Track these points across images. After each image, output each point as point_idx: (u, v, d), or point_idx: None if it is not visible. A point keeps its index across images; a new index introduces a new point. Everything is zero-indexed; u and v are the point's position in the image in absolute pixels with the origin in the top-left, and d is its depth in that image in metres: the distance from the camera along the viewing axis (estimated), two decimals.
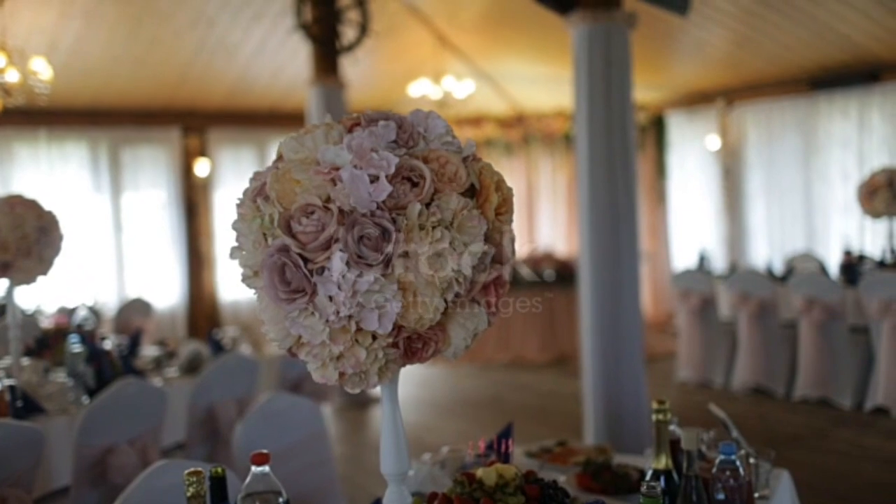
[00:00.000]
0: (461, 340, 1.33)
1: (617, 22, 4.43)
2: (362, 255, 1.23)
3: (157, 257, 9.39)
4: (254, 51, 8.54)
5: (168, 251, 9.47)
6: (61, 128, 8.74)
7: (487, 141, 10.95)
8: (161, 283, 9.38)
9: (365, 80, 9.29)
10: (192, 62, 8.53)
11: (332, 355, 1.29)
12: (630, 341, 4.55)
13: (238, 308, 9.84)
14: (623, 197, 4.49)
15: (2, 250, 3.66)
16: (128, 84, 8.57)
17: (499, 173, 1.39)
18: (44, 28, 7.29)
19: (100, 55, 7.91)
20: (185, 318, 9.54)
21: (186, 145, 9.56)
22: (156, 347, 4.96)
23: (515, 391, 7.49)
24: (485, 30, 8.83)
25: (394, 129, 1.32)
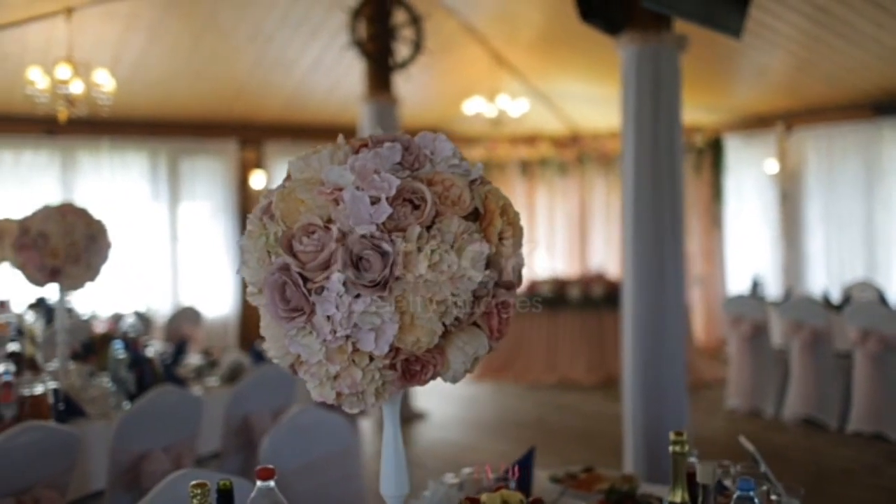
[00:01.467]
0: (460, 364, 1.33)
1: (666, 44, 4.39)
2: (360, 276, 1.23)
3: (211, 267, 9.56)
4: (310, 66, 8.66)
5: (222, 261, 9.63)
6: (123, 138, 8.97)
7: (542, 160, 10.93)
8: (214, 293, 9.54)
9: (420, 98, 9.35)
10: (250, 76, 8.69)
11: (329, 375, 1.29)
12: (672, 367, 4.48)
13: None
14: (669, 219, 4.43)
15: (51, 256, 3.76)
16: (187, 97, 8.77)
17: (506, 198, 1.38)
18: (109, 41, 7.51)
19: (161, 69, 8.11)
20: (236, 327, 9.68)
21: (243, 157, 9.74)
22: (200, 356, 5.04)
23: (560, 412, 7.42)
24: (541, 49, 8.83)
25: (399, 151, 1.33)
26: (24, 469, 2.80)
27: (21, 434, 2.81)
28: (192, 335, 7.11)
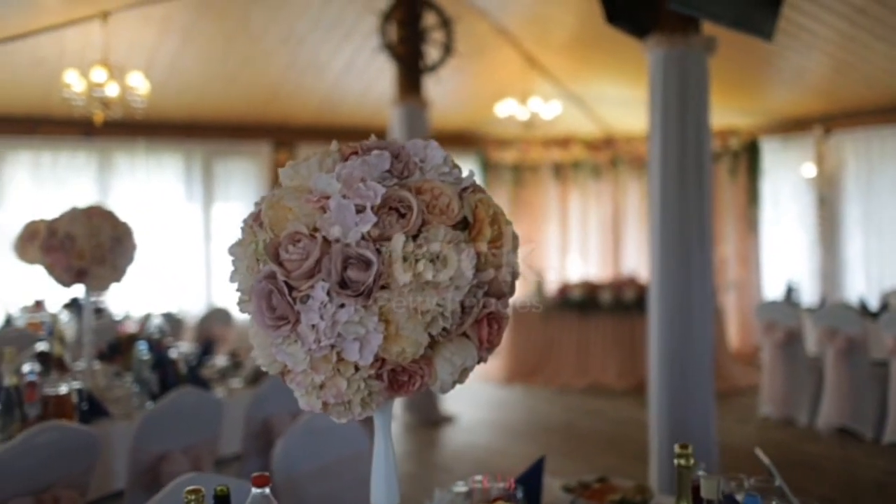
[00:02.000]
0: (447, 375, 1.31)
1: (694, 47, 4.33)
2: (344, 286, 1.22)
3: None
4: (342, 69, 8.70)
5: None
6: (158, 139, 9.08)
7: (575, 163, 10.86)
8: None
9: (451, 100, 9.34)
10: (283, 79, 8.74)
11: (315, 384, 1.28)
12: (699, 372, 4.41)
13: None
14: (696, 225, 4.37)
15: (77, 258, 3.81)
16: (221, 99, 8.85)
17: (497, 206, 1.36)
18: (143, 45, 7.60)
19: (195, 71, 8.20)
20: None
21: (276, 159, 9.80)
22: (226, 358, 5.07)
23: (589, 417, 7.36)
24: (573, 51, 8.77)
25: (387, 158, 1.31)
26: (44, 468, 2.84)
27: (40, 433, 2.85)
28: (223, 336, 7.17)
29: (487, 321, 1.34)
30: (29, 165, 8.54)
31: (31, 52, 7.31)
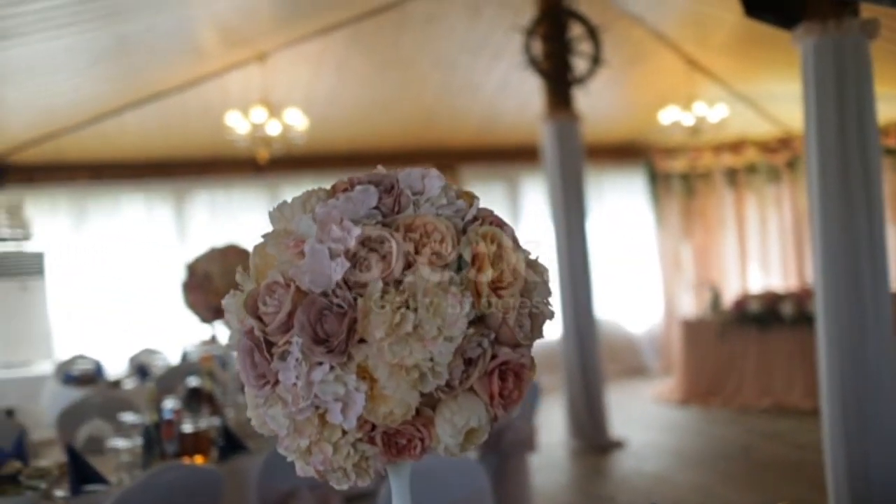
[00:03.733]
0: (449, 438, 1.14)
1: (851, 32, 3.89)
2: (318, 341, 1.09)
3: None
4: (497, 88, 8.62)
5: None
6: (323, 172, 9.35)
7: (749, 167, 10.20)
8: None
9: (610, 112, 9.05)
10: (438, 103, 8.78)
11: (300, 449, 1.15)
12: (878, 398, 3.92)
13: None
14: (865, 230, 3.91)
15: (214, 295, 3.92)
16: (380, 127, 9.00)
17: (509, 240, 1.18)
18: (300, 82, 7.86)
19: (352, 103, 8.38)
20: None
21: None
22: None
23: (771, 441, 6.80)
24: (738, 50, 8.24)
25: (374, 194, 1.18)
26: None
27: (165, 472, 2.90)
28: None
29: (500, 373, 1.16)
30: (206, 204, 9.03)
31: (199, 98, 7.73)
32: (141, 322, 8.19)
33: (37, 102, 7.22)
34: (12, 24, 5.31)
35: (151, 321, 8.23)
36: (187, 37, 6.83)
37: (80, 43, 6.12)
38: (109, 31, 6.02)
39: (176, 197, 8.97)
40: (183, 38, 6.81)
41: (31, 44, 5.75)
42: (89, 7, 5.45)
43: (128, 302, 8.26)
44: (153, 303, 8.23)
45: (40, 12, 5.25)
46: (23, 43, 5.69)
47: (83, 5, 5.42)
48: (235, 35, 6.95)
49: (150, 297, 8.25)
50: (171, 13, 6.04)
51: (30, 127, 7.69)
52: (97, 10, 5.53)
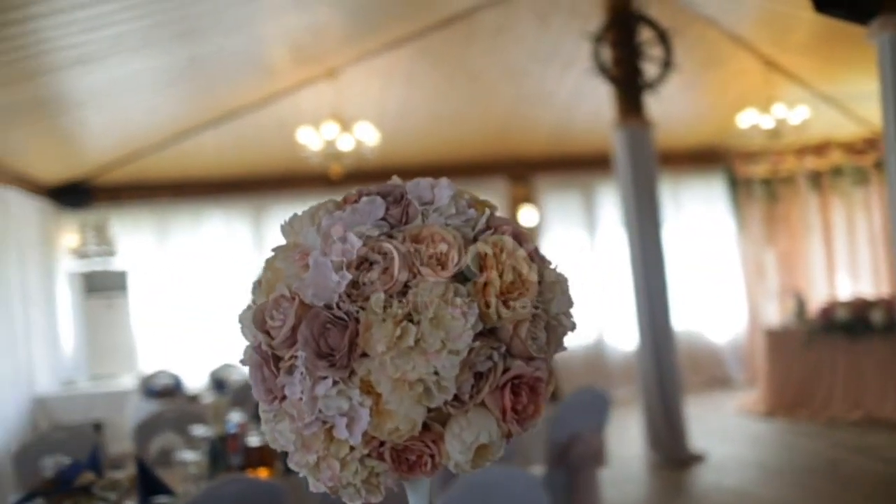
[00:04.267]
0: (458, 454, 1.10)
1: None
2: (322, 355, 1.07)
3: None
4: (569, 97, 8.54)
5: None
6: None
7: (835, 169, 9.85)
8: None
9: (686, 117, 8.86)
10: (511, 113, 8.75)
11: (309, 464, 1.13)
12: None
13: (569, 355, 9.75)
14: None
15: None
16: (452, 139, 9.01)
17: (521, 250, 1.14)
18: (371, 97, 7.94)
19: (423, 116, 8.42)
20: None
21: (513, 193, 9.80)
22: None
23: (861, 455, 6.52)
24: (818, 48, 7.98)
25: (381, 205, 1.15)
26: None
27: (227, 485, 2.93)
28: None
29: (513, 387, 1.12)
30: (282, 219, 9.11)
31: (272, 116, 7.88)
32: (220, 336, 8.37)
33: (118, 125, 7.48)
34: (90, 49, 5.51)
35: (230, 335, 8.39)
36: (258, 55, 6.97)
37: (155, 65, 6.32)
38: (182, 52, 6.19)
39: (253, 213, 9.16)
40: (254, 57, 6.96)
41: (109, 68, 5.96)
42: (162, 30, 5.63)
43: (208, 316, 8.46)
44: (232, 317, 8.39)
45: (116, 38, 5.44)
46: (101, 67, 5.90)
47: (156, 29, 5.59)
48: (305, 52, 7.06)
49: (230, 312, 8.42)
50: (240, 32, 6.18)
51: (113, 149, 7.97)
52: (169, 32, 5.70)
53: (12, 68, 5.47)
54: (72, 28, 5.11)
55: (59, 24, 5.00)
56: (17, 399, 6.91)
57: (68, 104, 6.66)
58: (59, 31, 5.15)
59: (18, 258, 7.16)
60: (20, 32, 4.96)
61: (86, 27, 5.10)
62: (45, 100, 6.33)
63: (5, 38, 4.93)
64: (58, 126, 7.09)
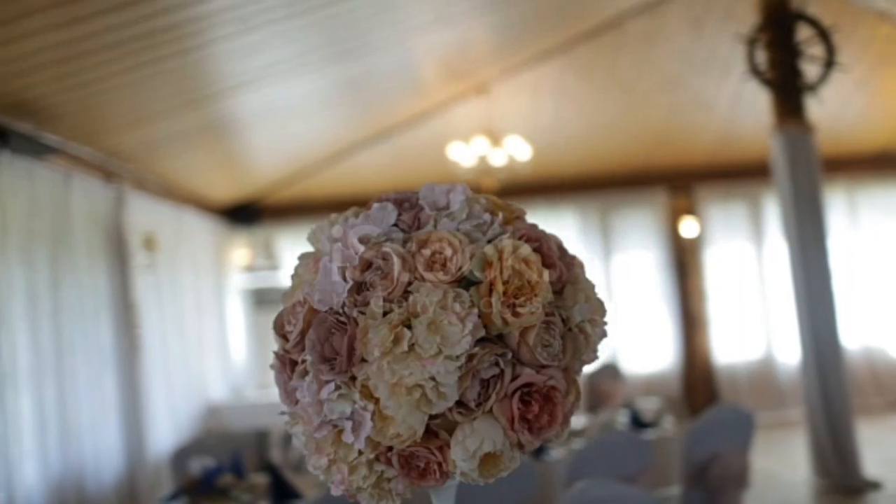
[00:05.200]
0: (462, 462, 1.08)
1: None
2: (324, 359, 1.09)
3: (648, 320, 9.43)
4: (730, 103, 8.22)
5: (659, 313, 9.44)
6: (554, 198, 9.36)
7: None
8: (653, 347, 9.37)
9: (859, 119, 8.31)
10: (668, 123, 8.51)
11: (322, 467, 1.15)
12: None
13: (735, 372, 9.37)
14: None
15: None
16: (607, 151, 8.87)
17: (534, 255, 1.11)
18: (521, 111, 7.96)
19: (575, 128, 8.35)
20: (679, 381, 9.36)
21: (673, 205, 9.51)
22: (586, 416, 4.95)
23: None
24: None
25: (392, 211, 1.16)
26: None
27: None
28: (611, 392, 7.05)
29: (522, 396, 1.09)
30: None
31: (426, 133, 8.05)
32: None
33: (281, 147, 7.89)
34: (252, 76, 5.84)
35: None
36: (409, 74, 7.15)
37: (312, 88, 6.61)
38: (335, 74, 6.45)
39: None
40: (405, 76, 7.15)
41: (268, 93, 6.29)
42: (313, 55, 5.88)
43: None
44: None
45: (274, 64, 5.73)
46: (261, 93, 6.23)
47: (308, 54, 5.85)
48: (454, 68, 7.18)
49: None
50: (390, 52, 6.35)
51: (278, 169, 8.40)
52: (320, 56, 5.95)
53: (185, 97, 5.89)
54: (232, 56, 5.45)
55: (220, 53, 5.33)
56: (191, 407, 7.38)
57: (235, 128, 7.08)
58: (222, 59, 5.50)
59: (193, 274, 7.67)
60: (189, 62, 5.33)
61: (245, 54, 5.42)
62: (215, 124, 6.76)
63: (175, 69, 5.31)
64: (227, 149, 7.56)
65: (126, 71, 5.00)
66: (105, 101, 5.46)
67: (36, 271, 5.02)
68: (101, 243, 5.92)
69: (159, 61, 5.05)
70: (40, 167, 5.15)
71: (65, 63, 4.57)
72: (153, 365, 6.45)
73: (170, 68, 5.25)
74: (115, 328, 5.96)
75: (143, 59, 4.93)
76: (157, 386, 6.53)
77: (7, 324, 4.65)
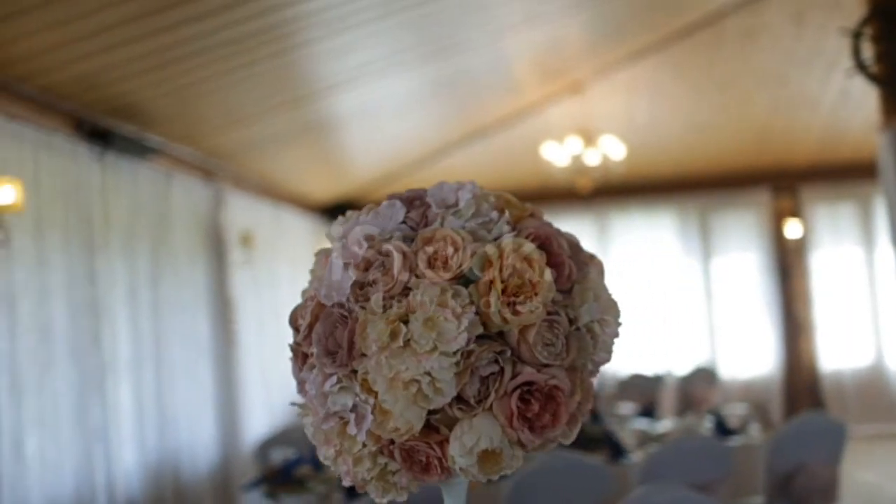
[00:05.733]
0: (460, 458, 1.09)
1: None
2: (328, 352, 1.12)
3: (749, 324, 9.15)
4: (836, 100, 7.88)
5: (761, 318, 9.14)
6: (651, 197, 9.19)
7: None
8: (754, 351, 9.09)
9: None
10: (769, 121, 8.24)
11: (330, 458, 1.18)
12: None
13: (841, 380, 8.99)
14: None
15: None
16: (704, 150, 8.65)
17: (538, 253, 1.11)
18: (617, 111, 7.85)
19: (671, 127, 8.18)
20: (780, 388, 9.05)
21: (776, 206, 9.19)
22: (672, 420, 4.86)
23: None
24: None
25: (400, 209, 1.18)
26: None
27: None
28: (703, 397, 6.88)
29: (522, 394, 1.10)
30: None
31: (521, 133, 8.03)
32: None
33: (377, 146, 8.02)
34: (347, 77, 5.93)
35: None
36: (502, 72, 7.14)
37: (407, 87, 6.68)
38: (429, 74, 6.50)
39: None
40: (499, 74, 7.14)
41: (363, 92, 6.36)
42: (405, 54, 5.94)
43: None
44: None
45: (368, 63, 5.81)
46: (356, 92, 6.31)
47: (400, 54, 5.92)
48: (548, 67, 7.14)
49: None
50: (483, 51, 6.36)
51: (374, 168, 8.53)
52: (413, 55, 6.01)
53: (282, 97, 6.04)
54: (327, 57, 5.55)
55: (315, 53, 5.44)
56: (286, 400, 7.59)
57: (331, 128, 7.23)
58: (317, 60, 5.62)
59: (290, 270, 7.88)
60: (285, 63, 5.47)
61: (338, 55, 5.51)
62: (311, 124, 6.92)
63: (270, 70, 5.46)
64: (324, 148, 7.73)
65: (223, 73, 5.18)
66: (204, 104, 5.67)
67: (137, 266, 5.27)
68: (199, 240, 6.16)
69: (255, 63, 5.21)
70: (143, 167, 5.40)
71: (163, 68, 4.78)
72: (248, 358, 6.66)
73: (265, 70, 5.40)
74: (212, 322, 6.19)
75: (239, 61, 5.09)
76: (253, 379, 6.74)
77: (109, 316, 4.91)
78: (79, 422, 4.50)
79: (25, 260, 4.16)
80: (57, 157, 4.53)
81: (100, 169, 4.92)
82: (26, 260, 4.17)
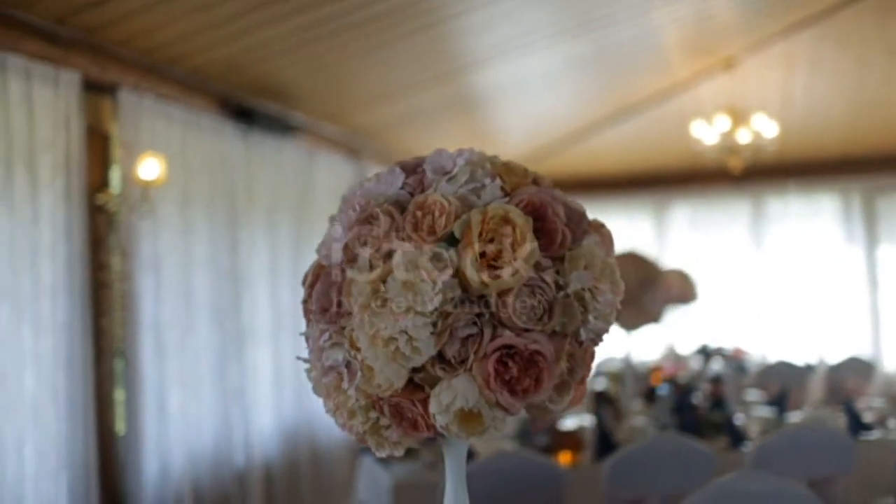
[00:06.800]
0: (438, 416, 1.13)
1: None
2: (322, 310, 1.19)
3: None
4: None
5: None
6: (812, 179, 8.70)
7: None
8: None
9: None
10: None
11: (331, 411, 1.25)
12: None
13: None
14: None
15: None
16: (871, 128, 8.07)
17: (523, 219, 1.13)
18: (772, 87, 7.46)
19: (831, 104, 7.71)
20: None
21: None
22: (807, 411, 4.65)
23: None
24: None
25: (399, 175, 1.23)
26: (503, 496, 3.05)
27: (497, 460, 3.08)
28: (857, 389, 6.49)
29: (500, 357, 1.12)
30: (687, 215, 9.06)
31: (671, 110, 7.81)
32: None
33: (525, 122, 8.01)
34: (494, 51, 5.91)
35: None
36: (652, 47, 6.95)
37: (552, 63, 6.62)
38: (576, 49, 6.37)
39: (655, 209, 9.16)
40: (648, 50, 6.95)
41: (511, 67, 6.33)
42: (557, 27, 5.84)
43: None
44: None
45: (515, 37, 5.75)
46: (504, 67, 6.28)
47: (551, 27, 5.82)
48: (698, 42, 6.88)
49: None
50: (632, 24, 6.18)
51: (522, 145, 8.52)
52: (564, 29, 5.90)
53: (427, 73, 6.09)
54: (473, 31, 5.52)
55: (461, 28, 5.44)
56: None
57: (477, 104, 7.24)
58: (463, 34, 5.62)
59: None
60: (430, 38, 5.50)
61: (484, 29, 5.48)
62: (456, 100, 6.95)
63: (415, 46, 5.51)
64: (469, 125, 7.79)
65: (366, 51, 5.29)
66: (348, 82, 5.84)
67: (279, 239, 5.56)
68: None
69: (399, 39, 5.27)
70: (286, 144, 5.67)
71: (305, 47, 4.97)
72: None
73: (410, 45, 5.46)
74: None
75: (383, 38, 5.16)
76: None
77: (251, 285, 5.21)
78: (218, 383, 4.82)
79: (171, 229, 4.48)
80: (203, 135, 4.84)
81: (244, 146, 5.21)
82: (172, 229, 4.49)
